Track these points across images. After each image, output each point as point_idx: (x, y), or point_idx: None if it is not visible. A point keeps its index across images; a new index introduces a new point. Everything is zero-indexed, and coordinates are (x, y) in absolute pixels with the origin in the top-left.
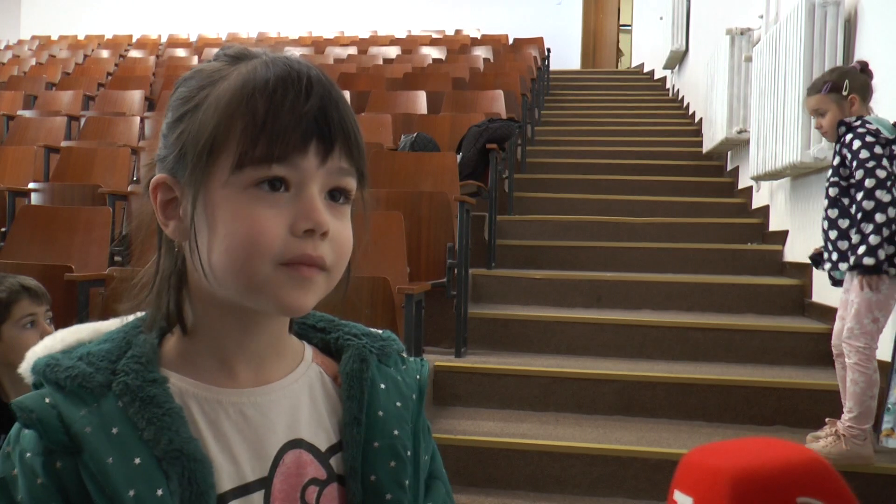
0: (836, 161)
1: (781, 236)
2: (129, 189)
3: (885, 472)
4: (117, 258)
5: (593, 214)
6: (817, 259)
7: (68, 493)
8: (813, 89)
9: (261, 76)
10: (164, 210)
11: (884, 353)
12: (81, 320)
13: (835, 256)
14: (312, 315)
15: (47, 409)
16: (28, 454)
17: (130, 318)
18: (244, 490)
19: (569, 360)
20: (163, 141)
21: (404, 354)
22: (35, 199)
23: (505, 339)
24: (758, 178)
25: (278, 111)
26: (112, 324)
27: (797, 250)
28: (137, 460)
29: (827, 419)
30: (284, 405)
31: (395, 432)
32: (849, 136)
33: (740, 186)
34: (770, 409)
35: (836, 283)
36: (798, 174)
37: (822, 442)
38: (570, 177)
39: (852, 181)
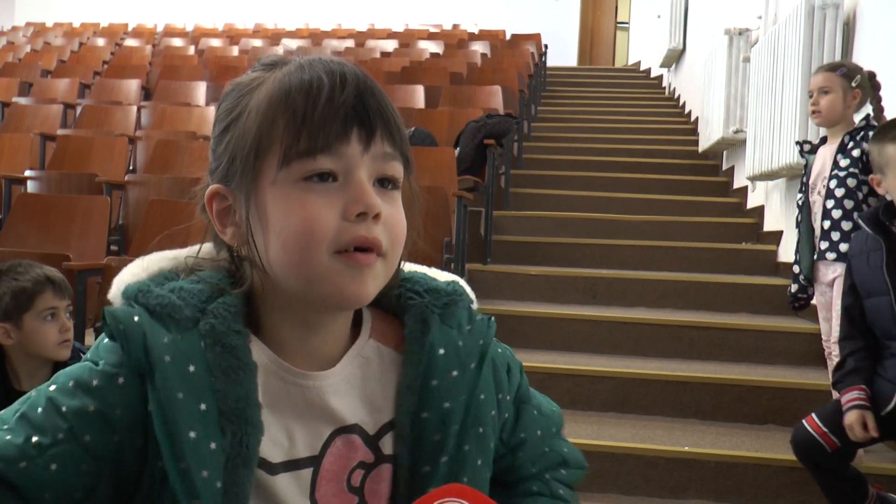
0: (857, 153)
1: (776, 237)
2: (125, 178)
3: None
4: (114, 247)
5: (589, 211)
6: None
7: (114, 409)
8: (824, 68)
9: (296, 77)
10: (221, 218)
11: None
12: (79, 310)
13: (824, 245)
14: None
15: (134, 326)
16: (101, 361)
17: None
18: (294, 465)
19: (564, 356)
20: (212, 155)
21: (474, 306)
22: (31, 186)
23: (500, 334)
24: (753, 179)
25: (316, 104)
26: (192, 251)
27: (791, 251)
28: (203, 406)
29: None
30: (341, 389)
31: (446, 405)
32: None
33: (735, 186)
34: (762, 408)
35: (800, 301)
36: (794, 175)
37: None
38: (566, 173)
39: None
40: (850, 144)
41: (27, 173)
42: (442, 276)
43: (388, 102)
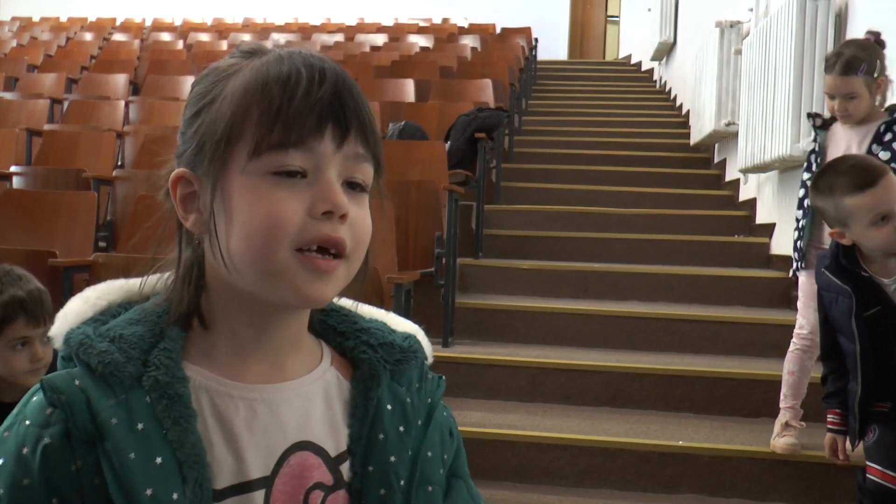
0: (886, 156)
1: (768, 229)
2: (113, 174)
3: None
4: (102, 244)
5: (580, 205)
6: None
7: (52, 470)
8: (846, 69)
9: (274, 67)
10: (184, 204)
11: None
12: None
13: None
14: (335, 313)
15: (76, 393)
16: (27, 422)
17: (156, 276)
18: (245, 487)
19: (556, 350)
20: (181, 138)
21: (430, 361)
22: (17, 182)
23: (492, 328)
24: (746, 171)
25: (293, 97)
26: (143, 281)
27: (784, 243)
28: (159, 460)
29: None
30: (296, 405)
31: (392, 459)
32: None
33: (727, 179)
34: (756, 402)
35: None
36: (786, 167)
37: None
38: (558, 167)
39: None
40: (889, 136)
41: (13, 169)
42: (402, 325)
43: (365, 103)
